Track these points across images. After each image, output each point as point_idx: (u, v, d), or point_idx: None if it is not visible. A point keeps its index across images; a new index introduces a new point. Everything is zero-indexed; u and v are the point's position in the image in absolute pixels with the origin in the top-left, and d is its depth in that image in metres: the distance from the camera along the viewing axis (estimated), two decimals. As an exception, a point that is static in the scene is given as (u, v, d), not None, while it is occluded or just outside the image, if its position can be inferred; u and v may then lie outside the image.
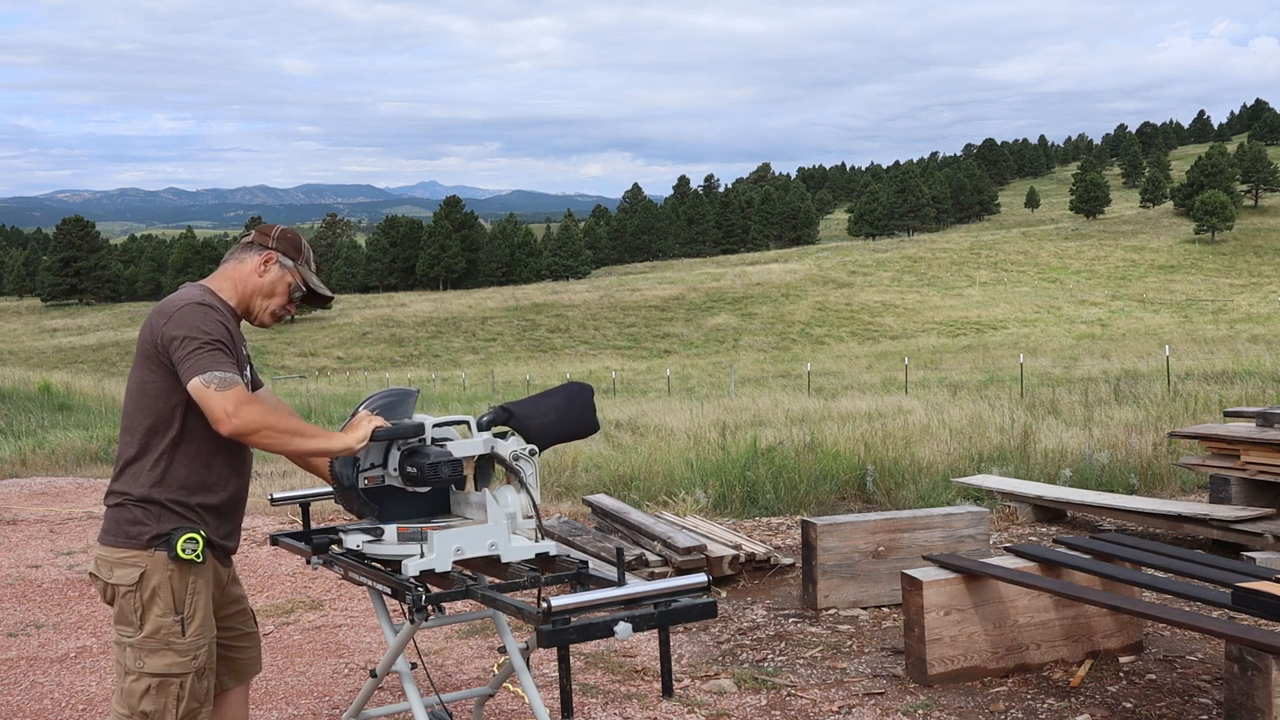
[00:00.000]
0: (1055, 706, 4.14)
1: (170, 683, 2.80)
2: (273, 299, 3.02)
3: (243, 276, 3.01)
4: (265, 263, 3.01)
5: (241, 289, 3.00)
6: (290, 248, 3.06)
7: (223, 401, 2.71)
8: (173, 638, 2.80)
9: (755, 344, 69.76)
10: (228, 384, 2.73)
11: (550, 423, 3.07)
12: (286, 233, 3.09)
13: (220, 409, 2.71)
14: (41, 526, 8.78)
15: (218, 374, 2.72)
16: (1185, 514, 6.71)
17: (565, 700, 2.43)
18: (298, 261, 3.06)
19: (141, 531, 2.81)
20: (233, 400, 2.71)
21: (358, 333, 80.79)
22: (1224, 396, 14.86)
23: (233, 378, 2.74)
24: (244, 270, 3.01)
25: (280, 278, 3.02)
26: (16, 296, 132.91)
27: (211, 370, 2.72)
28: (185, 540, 2.79)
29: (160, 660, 2.79)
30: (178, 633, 2.80)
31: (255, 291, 3.01)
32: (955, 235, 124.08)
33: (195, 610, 2.83)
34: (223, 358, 2.76)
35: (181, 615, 2.81)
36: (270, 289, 3.02)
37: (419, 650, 3.63)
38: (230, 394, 2.72)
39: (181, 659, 2.81)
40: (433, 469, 2.89)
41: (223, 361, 2.75)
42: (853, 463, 9.79)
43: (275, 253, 3.03)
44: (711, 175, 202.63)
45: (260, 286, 3.01)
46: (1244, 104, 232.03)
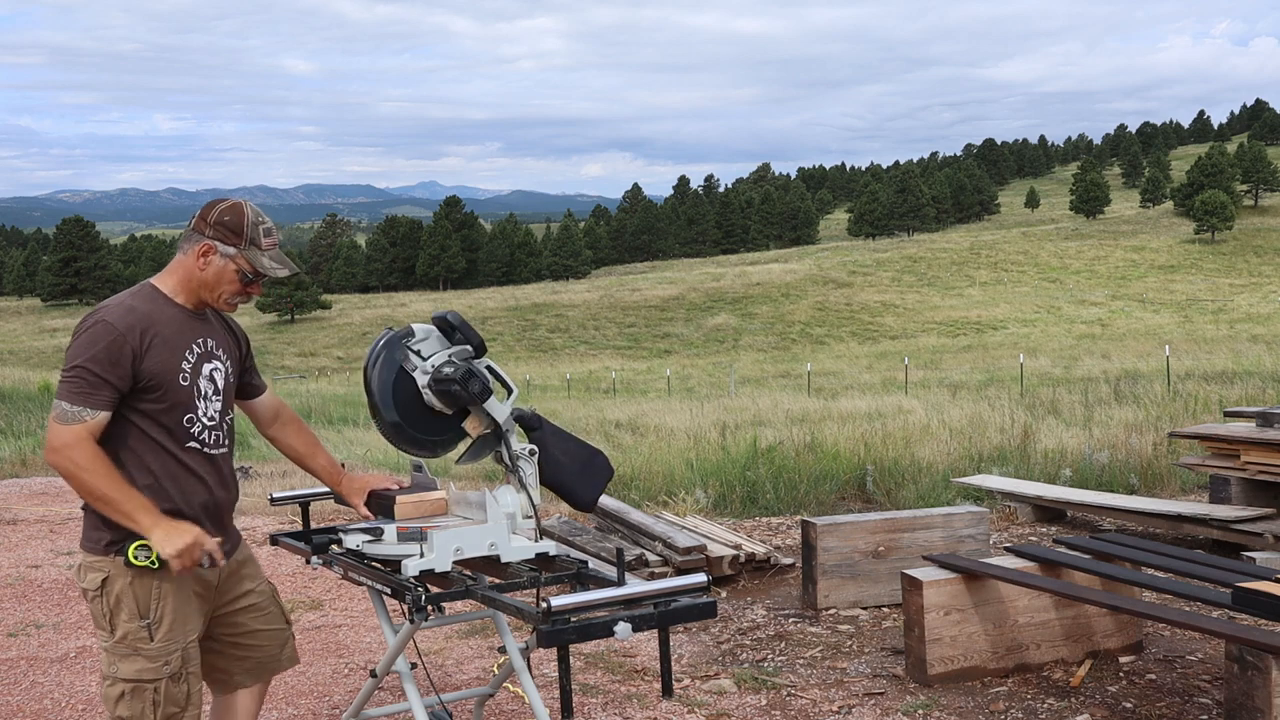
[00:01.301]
0: (1055, 706, 4.14)
1: (144, 688, 2.75)
2: (220, 288, 2.84)
3: (187, 269, 2.84)
4: (204, 254, 2.81)
5: (188, 283, 2.84)
6: (228, 232, 2.80)
7: (53, 435, 2.65)
8: (140, 643, 2.74)
9: (755, 344, 69.76)
10: (68, 418, 2.63)
11: (562, 464, 3.07)
12: (225, 213, 2.83)
13: (49, 441, 2.66)
14: (41, 526, 8.78)
15: (65, 405, 2.63)
16: (1185, 514, 6.71)
17: (565, 700, 2.42)
18: (240, 245, 2.81)
19: (100, 537, 2.76)
20: (62, 437, 2.63)
21: (358, 333, 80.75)
22: (1224, 396, 14.86)
23: (75, 412, 2.63)
24: (188, 262, 2.84)
25: (223, 268, 2.82)
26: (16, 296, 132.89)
27: (61, 399, 2.64)
28: (136, 548, 2.69)
29: (131, 665, 2.74)
30: (144, 638, 2.74)
31: (200, 285, 2.84)
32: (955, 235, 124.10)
33: (162, 615, 2.76)
34: (84, 388, 2.63)
35: (148, 620, 2.74)
36: (215, 280, 2.83)
37: (419, 650, 3.63)
38: (65, 430, 2.63)
39: (152, 664, 2.75)
40: (466, 377, 2.88)
41: (78, 394, 2.63)
42: (853, 463, 9.79)
43: (212, 242, 2.81)
44: (711, 175, 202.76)
45: (204, 280, 2.83)
46: (1244, 104, 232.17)
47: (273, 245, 2.86)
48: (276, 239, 2.88)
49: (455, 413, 3.01)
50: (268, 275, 2.85)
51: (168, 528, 2.69)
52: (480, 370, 2.95)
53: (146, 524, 2.67)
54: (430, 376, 2.95)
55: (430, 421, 3.01)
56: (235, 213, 2.82)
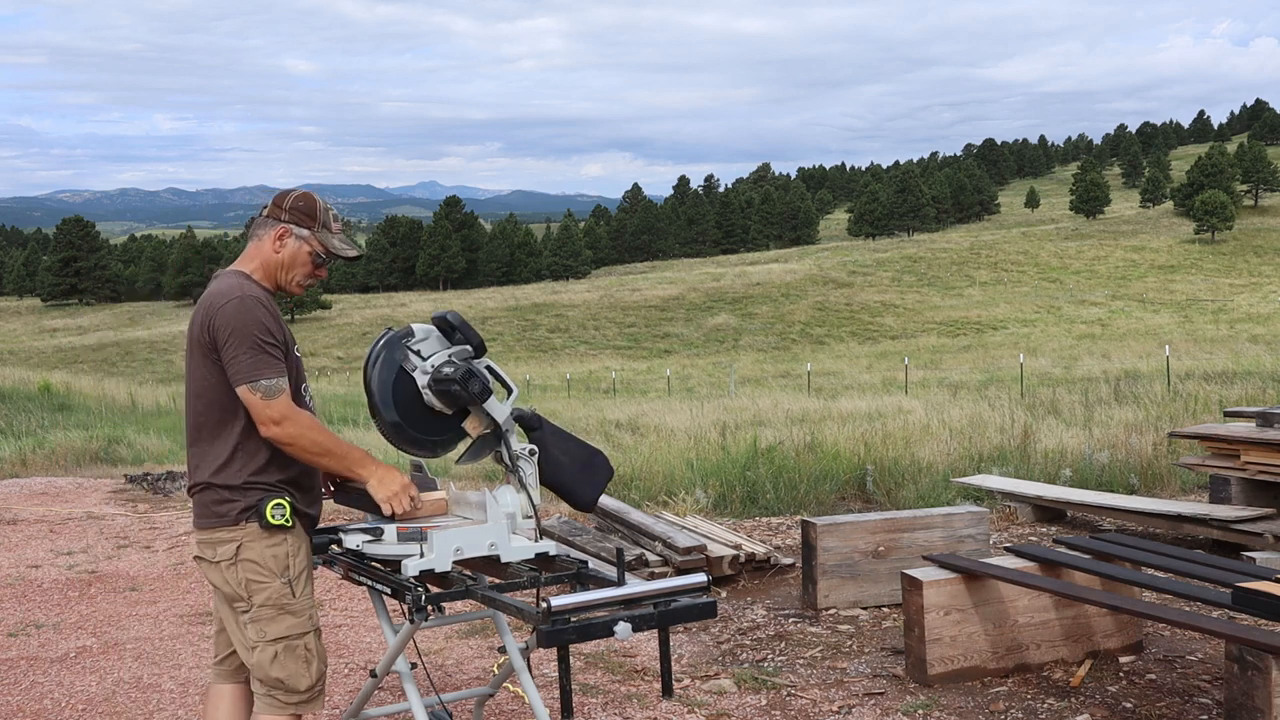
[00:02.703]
0: (1055, 706, 4.14)
1: (294, 644, 2.87)
2: (294, 270, 3.01)
3: (264, 254, 3.00)
4: (280, 237, 2.99)
5: (266, 267, 2.99)
6: (303, 216, 3.01)
7: (267, 410, 2.79)
8: (285, 600, 2.87)
9: (755, 344, 69.74)
10: (273, 392, 2.79)
11: (562, 464, 3.07)
12: (299, 200, 3.03)
13: (264, 416, 2.79)
14: (41, 526, 8.78)
15: (264, 381, 2.78)
16: (1185, 514, 6.71)
17: (565, 700, 2.43)
18: (314, 228, 3.01)
19: (230, 509, 2.87)
20: (277, 410, 2.79)
21: (358, 333, 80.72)
22: (1224, 396, 14.86)
23: (279, 385, 2.80)
24: (264, 248, 3.00)
25: (298, 249, 3.00)
26: (16, 296, 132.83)
27: (258, 378, 2.78)
28: (273, 506, 2.84)
29: (280, 625, 2.86)
30: (288, 594, 2.87)
31: (277, 267, 3.00)
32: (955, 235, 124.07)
33: (300, 572, 2.90)
34: (269, 360, 2.80)
35: (289, 577, 2.87)
36: (290, 262, 3.00)
37: (419, 650, 3.63)
38: (275, 404, 2.79)
39: (298, 619, 2.88)
40: (466, 377, 2.90)
41: (267, 366, 2.79)
42: (853, 463, 9.79)
43: (288, 226, 2.99)
44: (711, 175, 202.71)
45: (280, 262, 2.99)
46: (1244, 104, 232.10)
47: (340, 229, 3.07)
48: (340, 224, 3.10)
49: (455, 413, 3.01)
50: (339, 255, 3.03)
51: (382, 473, 2.92)
52: (480, 370, 2.95)
53: (368, 470, 2.91)
54: (430, 376, 2.95)
55: (430, 421, 3.01)
56: (308, 199, 3.03)
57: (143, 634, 5.61)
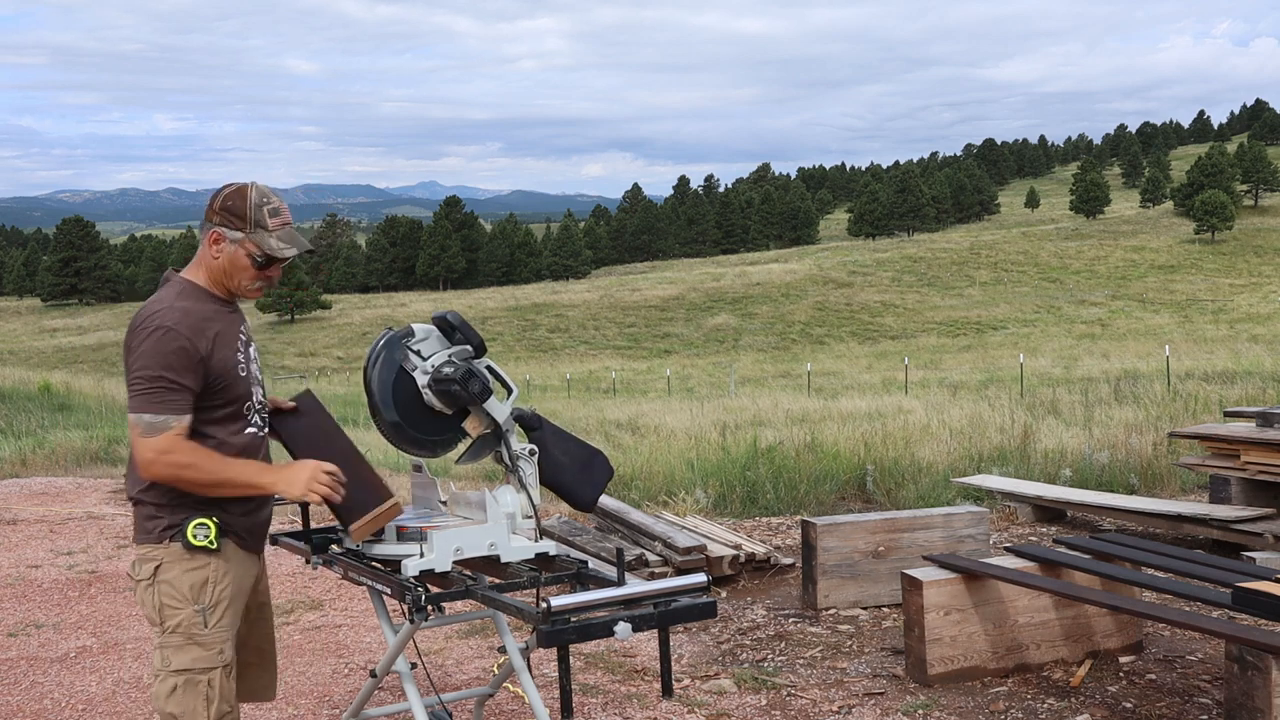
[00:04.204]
0: (1055, 706, 4.14)
1: (197, 680, 2.67)
2: (237, 276, 2.78)
3: (205, 261, 2.79)
4: (215, 242, 2.76)
5: (211, 274, 2.79)
6: (232, 217, 2.74)
7: (143, 448, 2.60)
8: (195, 630, 2.68)
9: (755, 344, 69.74)
10: (154, 429, 2.59)
11: (562, 464, 3.06)
12: (228, 199, 2.75)
13: (140, 455, 2.61)
14: (41, 526, 8.78)
15: (147, 417, 2.59)
16: (1185, 514, 6.71)
17: (565, 700, 2.42)
18: (246, 230, 2.73)
19: (154, 525, 2.72)
20: (154, 448, 2.59)
21: (358, 333, 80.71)
22: (1224, 396, 14.86)
23: (165, 422, 2.60)
24: (204, 254, 2.79)
25: (235, 254, 2.75)
26: (16, 296, 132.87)
27: (141, 412, 2.60)
28: (195, 526, 2.68)
29: (184, 656, 2.67)
30: (199, 624, 2.68)
31: (220, 273, 2.78)
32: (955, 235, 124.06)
33: (217, 601, 2.71)
34: (162, 396, 2.60)
35: (202, 606, 2.69)
36: (230, 268, 2.76)
37: (419, 650, 3.63)
38: (153, 441, 2.59)
39: (207, 653, 2.68)
40: (466, 377, 2.88)
41: (158, 403, 2.59)
42: (853, 463, 9.79)
43: (219, 229, 2.75)
44: (711, 175, 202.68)
45: (222, 268, 2.77)
46: (1244, 104, 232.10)
47: (281, 225, 2.78)
48: (286, 217, 2.80)
49: (455, 413, 3.01)
50: (278, 257, 2.76)
51: (285, 474, 2.73)
52: (480, 370, 2.95)
53: (268, 482, 2.71)
54: (430, 376, 2.95)
55: (430, 421, 3.01)
56: (237, 197, 2.75)
57: (143, 634, 5.61)
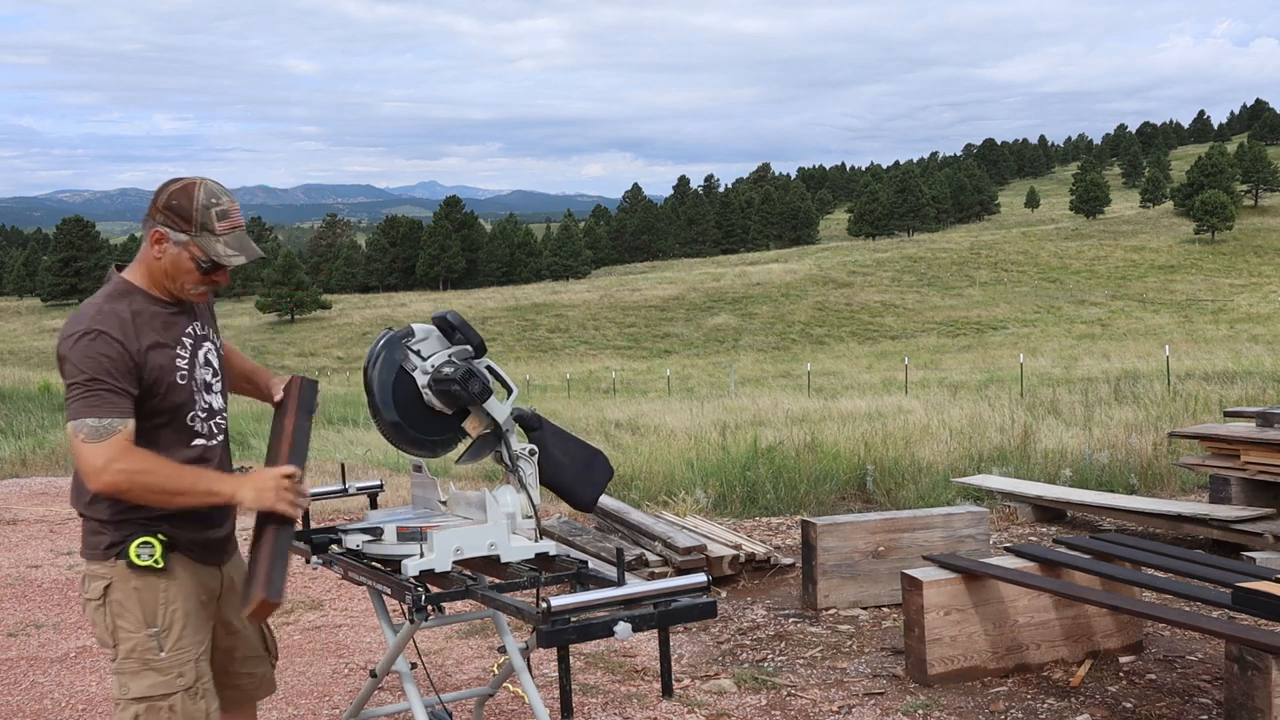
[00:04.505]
0: (1055, 706, 4.14)
1: (158, 706, 2.51)
2: (181, 279, 2.58)
3: (146, 260, 2.59)
4: (157, 242, 2.55)
5: (152, 274, 2.60)
6: (176, 218, 2.53)
7: (91, 456, 2.41)
8: (149, 655, 2.52)
9: (755, 344, 69.74)
10: (99, 434, 2.41)
11: (562, 464, 3.06)
12: (173, 197, 2.54)
13: (87, 464, 2.42)
14: (41, 526, 8.78)
15: (89, 422, 2.41)
16: (1185, 514, 6.71)
17: (565, 700, 2.42)
18: (191, 232, 2.53)
19: (99, 541, 2.55)
20: (102, 454, 2.41)
21: (358, 333, 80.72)
22: (1224, 396, 14.86)
23: (106, 425, 2.42)
24: (146, 253, 2.59)
25: (178, 256, 2.55)
26: (16, 296, 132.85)
27: (83, 417, 2.41)
28: (138, 545, 2.50)
29: (141, 682, 2.51)
30: (153, 649, 2.52)
31: (161, 275, 2.58)
32: (955, 235, 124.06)
33: (171, 622, 2.54)
34: (99, 400, 2.42)
35: (156, 629, 2.52)
36: (173, 270, 2.57)
37: (419, 650, 3.62)
38: (100, 447, 2.41)
39: (164, 678, 2.52)
40: (466, 377, 2.88)
41: (96, 406, 2.42)
42: (853, 463, 9.79)
43: (163, 229, 2.54)
44: (711, 175, 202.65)
45: (164, 270, 2.57)
46: (1244, 104, 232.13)
47: (230, 228, 2.57)
48: (236, 220, 2.59)
49: (455, 413, 3.01)
50: (224, 264, 2.57)
51: (248, 482, 2.55)
52: (480, 370, 2.95)
53: (229, 492, 2.52)
54: (430, 376, 2.95)
55: (430, 421, 3.01)
56: (184, 195, 2.54)
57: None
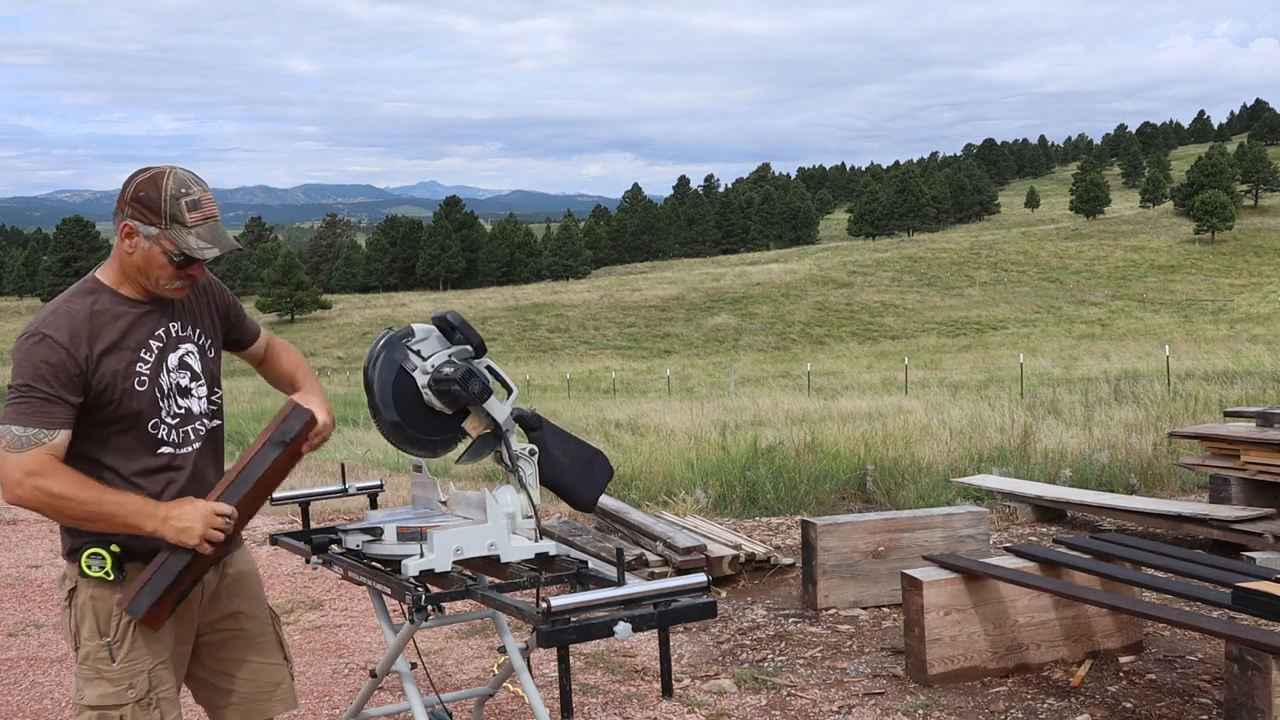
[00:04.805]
0: (1055, 706, 4.14)
1: (109, 716, 2.47)
2: (154, 274, 2.46)
3: (119, 255, 2.49)
4: (126, 237, 2.44)
5: (124, 270, 2.50)
6: (145, 210, 2.41)
7: (7, 466, 2.34)
8: (101, 665, 2.48)
9: (755, 344, 69.74)
10: (20, 444, 2.33)
11: (562, 464, 3.06)
12: (140, 189, 2.43)
13: (4, 474, 2.35)
14: (41, 526, 8.78)
15: (14, 429, 2.33)
16: (1185, 514, 6.71)
17: (565, 700, 2.42)
18: (161, 225, 2.41)
19: (65, 543, 2.52)
20: (19, 466, 2.33)
21: (358, 333, 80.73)
22: (1224, 396, 14.86)
23: (30, 436, 2.33)
24: (118, 248, 2.49)
25: (150, 251, 2.43)
26: (16, 296, 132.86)
27: (9, 423, 2.34)
28: (88, 556, 2.44)
29: (94, 690, 2.48)
30: (105, 659, 2.47)
31: (134, 270, 2.48)
32: (955, 235, 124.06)
33: (124, 633, 2.47)
34: (29, 408, 2.34)
35: (109, 639, 2.47)
36: (146, 265, 2.45)
37: (419, 650, 3.62)
38: (19, 458, 2.33)
39: (115, 688, 2.46)
40: (466, 377, 2.87)
41: (24, 414, 2.33)
42: (853, 463, 9.79)
43: (132, 222, 2.43)
44: (711, 175, 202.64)
45: (136, 265, 2.46)
46: (1244, 104, 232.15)
47: (203, 219, 2.44)
48: (209, 210, 2.46)
49: (455, 413, 3.01)
50: (196, 257, 2.45)
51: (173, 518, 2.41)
52: (480, 370, 2.95)
53: (153, 527, 2.40)
54: (430, 376, 2.95)
55: (430, 421, 3.01)
56: (152, 186, 2.42)
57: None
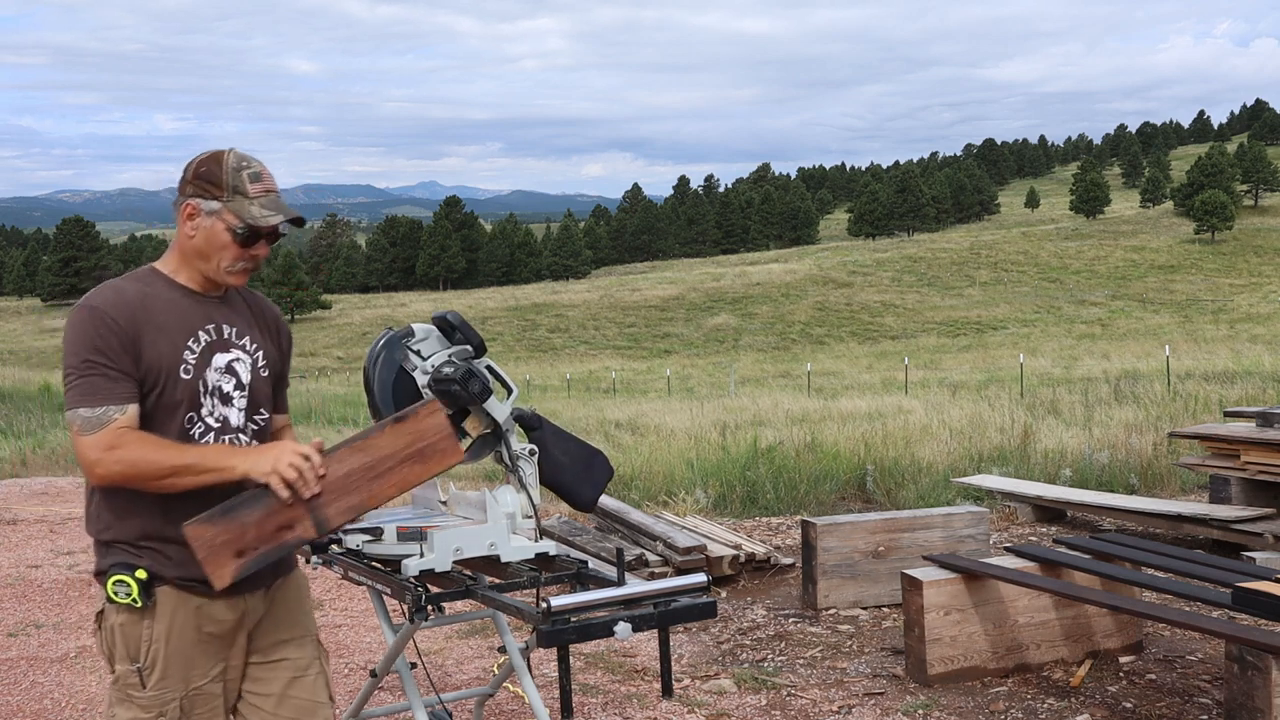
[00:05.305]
0: (1055, 706, 4.14)
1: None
2: (217, 256, 2.40)
3: (180, 241, 2.43)
4: (189, 217, 2.38)
5: (184, 255, 2.43)
6: (208, 185, 2.37)
7: (85, 448, 2.25)
8: (132, 689, 2.40)
9: (755, 344, 69.74)
10: (92, 426, 2.24)
11: (562, 464, 3.06)
12: (202, 165, 2.39)
13: (83, 457, 2.26)
14: (41, 526, 8.78)
15: (82, 412, 2.25)
16: (1185, 514, 6.71)
17: (565, 700, 2.42)
18: (223, 198, 2.36)
19: (97, 563, 2.44)
20: (97, 445, 2.24)
21: (358, 333, 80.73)
22: (1224, 396, 14.86)
23: (101, 415, 2.25)
24: (180, 234, 2.42)
25: (213, 228, 2.37)
26: (16, 296, 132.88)
27: (77, 407, 2.25)
28: (113, 583, 2.34)
29: (125, 712, 2.41)
30: (136, 684, 2.39)
31: (195, 256, 2.41)
32: (955, 235, 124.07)
33: (154, 660, 2.38)
34: (92, 387, 2.26)
35: (139, 665, 2.38)
36: (208, 247, 2.39)
37: (419, 650, 3.62)
38: (95, 439, 2.24)
39: (145, 714, 2.39)
40: (466, 377, 2.87)
41: (90, 393, 2.25)
42: (853, 463, 9.79)
43: (194, 201, 2.37)
44: (711, 175, 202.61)
45: (197, 249, 2.40)
46: (1244, 104, 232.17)
47: (264, 191, 2.41)
48: (270, 184, 2.43)
49: (455, 413, 3.01)
50: (261, 227, 2.39)
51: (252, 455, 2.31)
52: (480, 370, 2.95)
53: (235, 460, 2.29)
54: (430, 376, 2.95)
55: None
56: (214, 161, 2.39)
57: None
